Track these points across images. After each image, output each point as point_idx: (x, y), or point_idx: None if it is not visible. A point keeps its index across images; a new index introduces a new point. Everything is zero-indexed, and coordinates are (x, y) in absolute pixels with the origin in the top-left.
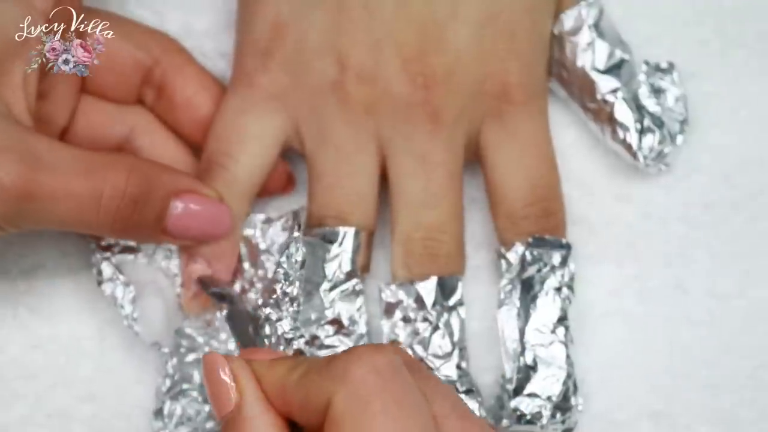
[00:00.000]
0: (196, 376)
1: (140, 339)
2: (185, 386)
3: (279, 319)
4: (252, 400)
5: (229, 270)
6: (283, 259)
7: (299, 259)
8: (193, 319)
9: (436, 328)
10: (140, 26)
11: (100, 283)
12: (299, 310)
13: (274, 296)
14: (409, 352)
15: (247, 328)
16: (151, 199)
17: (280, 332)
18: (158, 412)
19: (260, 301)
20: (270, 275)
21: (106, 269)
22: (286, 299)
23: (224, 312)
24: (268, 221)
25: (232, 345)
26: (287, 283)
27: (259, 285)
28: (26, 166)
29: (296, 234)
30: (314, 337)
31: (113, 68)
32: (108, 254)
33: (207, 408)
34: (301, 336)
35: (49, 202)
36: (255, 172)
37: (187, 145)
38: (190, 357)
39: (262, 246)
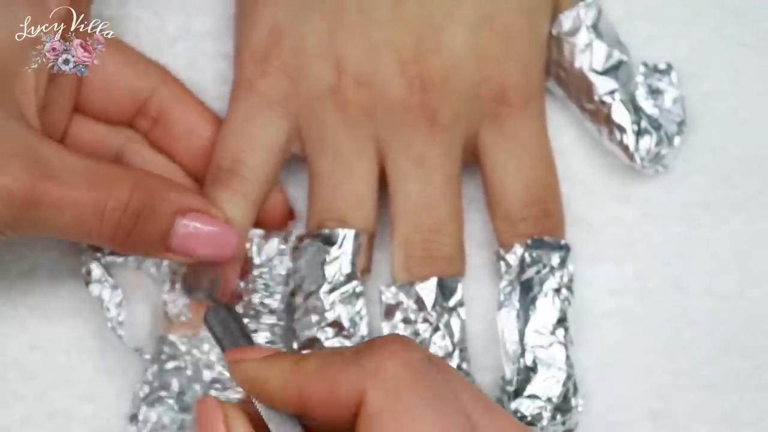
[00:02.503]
0: (175, 384)
1: (123, 343)
2: (163, 393)
3: (255, 331)
4: None
5: (230, 289)
6: (266, 269)
7: (282, 273)
8: (176, 328)
9: (436, 329)
10: (141, 56)
11: (88, 283)
12: (277, 324)
13: (252, 305)
14: None
15: (232, 325)
16: (155, 214)
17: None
18: (133, 417)
19: (241, 311)
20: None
21: (96, 270)
22: (266, 311)
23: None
24: (266, 236)
25: (214, 356)
26: (266, 294)
27: (246, 299)
28: (34, 173)
29: (283, 246)
30: (315, 340)
31: (111, 94)
32: (98, 254)
33: (182, 417)
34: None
35: (52, 210)
36: (265, 178)
37: (181, 167)
38: (170, 365)
39: (257, 261)
